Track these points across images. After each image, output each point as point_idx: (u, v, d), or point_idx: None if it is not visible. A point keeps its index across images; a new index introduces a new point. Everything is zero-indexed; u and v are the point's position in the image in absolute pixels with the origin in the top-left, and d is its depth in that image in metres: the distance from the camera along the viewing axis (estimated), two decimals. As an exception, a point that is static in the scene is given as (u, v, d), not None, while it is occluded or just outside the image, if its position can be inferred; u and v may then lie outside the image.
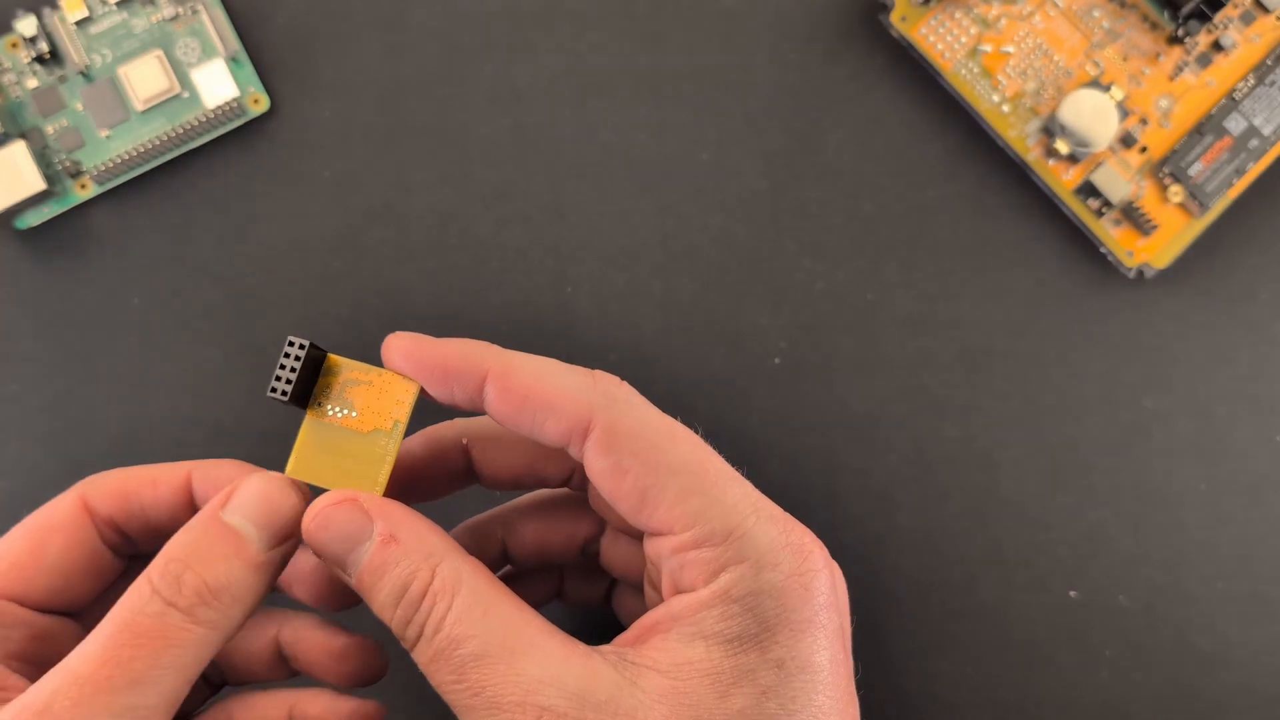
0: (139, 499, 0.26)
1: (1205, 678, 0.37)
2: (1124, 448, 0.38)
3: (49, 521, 0.25)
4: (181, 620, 0.22)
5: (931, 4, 0.38)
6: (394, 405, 0.26)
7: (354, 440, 0.26)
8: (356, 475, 0.25)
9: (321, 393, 0.26)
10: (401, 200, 0.39)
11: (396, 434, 0.26)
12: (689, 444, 0.24)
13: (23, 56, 0.38)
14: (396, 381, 0.26)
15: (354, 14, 0.39)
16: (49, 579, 0.25)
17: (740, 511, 0.23)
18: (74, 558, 0.25)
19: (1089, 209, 0.38)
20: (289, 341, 0.25)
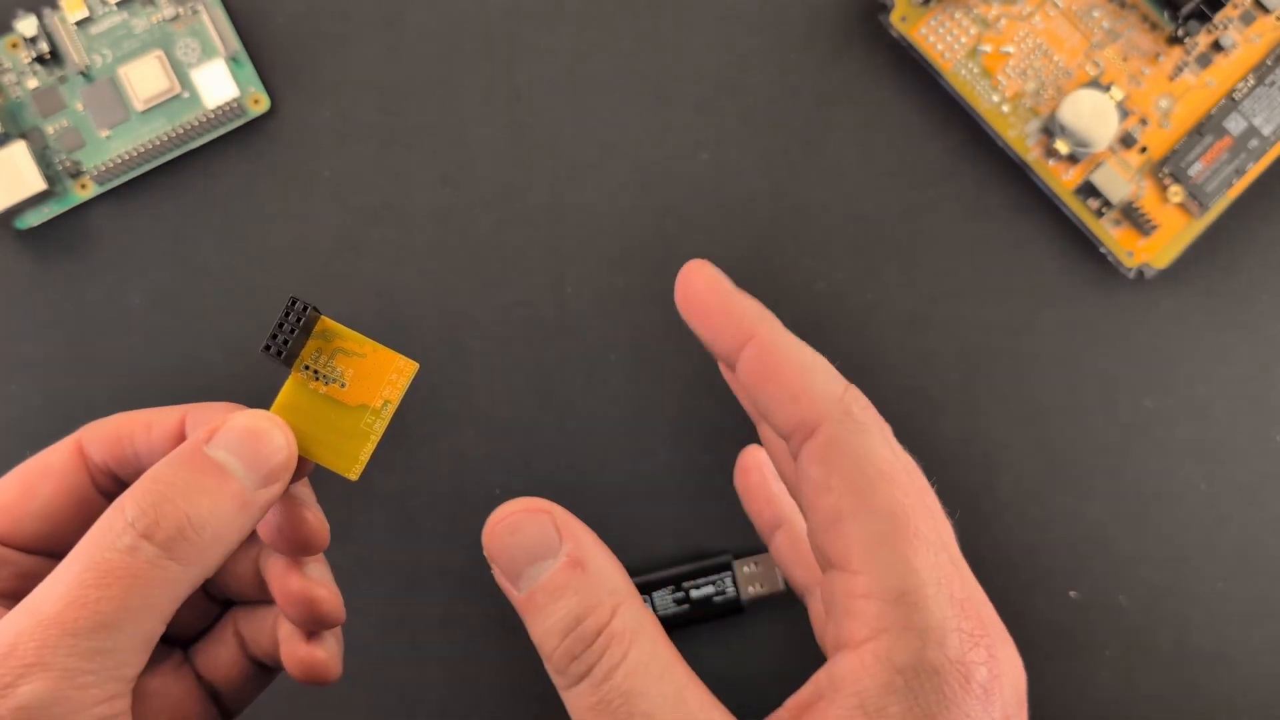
0: (132, 443, 0.25)
1: (1205, 678, 0.37)
2: (1124, 448, 0.38)
3: (42, 466, 0.25)
4: (156, 556, 0.20)
5: (931, 4, 0.38)
6: (387, 384, 0.25)
7: (338, 412, 0.24)
8: (336, 449, 0.24)
9: (310, 357, 0.24)
10: (401, 200, 0.39)
11: (386, 414, 0.25)
12: (904, 493, 0.22)
13: (23, 56, 0.38)
14: (393, 359, 0.24)
15: (354, 14, 0.39)
16: (37, 523, 0.24)
17: (922, 578, 0.20)
18: (64, 503, 0.25)
19: (1089, 209, 0.38)
20: (291, 300, 0.23)
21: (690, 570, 0.36)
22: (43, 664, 0.19)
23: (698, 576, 0.35)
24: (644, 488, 0.37)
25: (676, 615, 0.35)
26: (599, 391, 0.38)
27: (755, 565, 0.36)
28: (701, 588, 0.35)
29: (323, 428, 0.24)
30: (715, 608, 0.35)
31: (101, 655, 0.19)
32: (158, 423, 0.25)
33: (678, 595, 0.35)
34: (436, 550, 0.37)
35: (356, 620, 0.37)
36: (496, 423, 0.38)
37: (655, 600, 0.35)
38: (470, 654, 0.37)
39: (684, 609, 0.35)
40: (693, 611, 0.35)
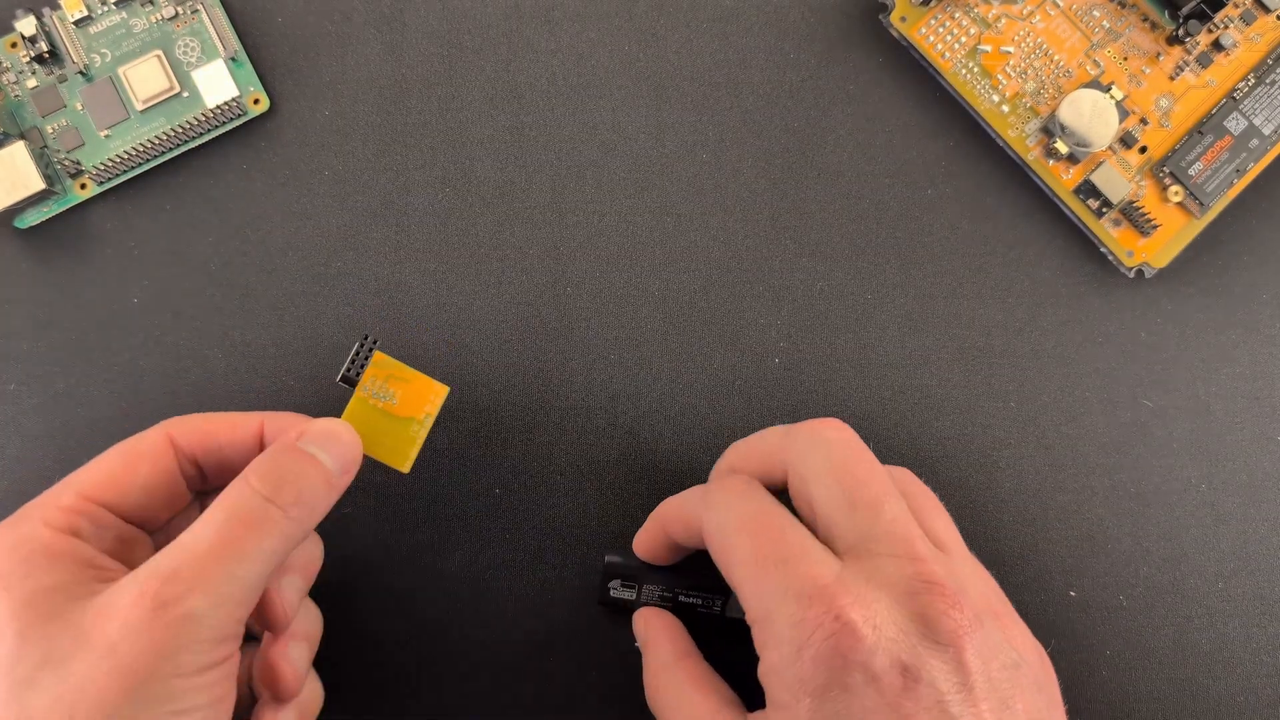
0: (217, 438, 0.30)
1: (1205, 677, 0.37)
2: (1124, 447, 0.38)
3: (139, 449, 0.29)
4: (279, 514, 0.27)
5: (931, 4, 0.38)
6: (427, 401, 0.32)
7: (390, 422, 0.32)
8: (390, 449, 0.32)
9: (369, 381, 0.32)
10: (401, 200, 0.39)
11: (426, 424, 0.32)
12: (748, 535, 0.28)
13: (22, 56, 0.38)
14: (430, 385, 0.32)
15: (354, 14, 0.39)
16: (137, 496, 0.29)
17: (773, 595, 0.27)
18: (158, 482, 0.29)
19: (1089, 209, 0.38)
20: (364, 337, 0.32)
21: (693, 583, 0.35)
22: (201, 585, 0.25)
23: (691, 589, 0.35)
24: (644, 488, 0.37)
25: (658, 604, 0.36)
26: (599, 391, 0.38)
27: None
28: (690, 596, 0.35)
29: (379, 434, 0.32)
30: (698, 616, 0.35)
31: (239, 582, 0.26)
32: (240, 424, 0.30)
33: (665, 595, 0.35)
34: (436, 550, 0.37)
35: (356, 620, 0.37)
36: (496, 423, 0.38)
37: (644, 590, 0.35)
38: (470, 654, 0.37)
39: (666, 606, 0.35)
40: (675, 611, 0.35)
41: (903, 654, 0.25)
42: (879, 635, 0.25)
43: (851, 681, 0.25)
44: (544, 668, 0.37)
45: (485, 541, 0.37)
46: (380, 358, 0.32)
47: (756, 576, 0.27)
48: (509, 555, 0.37)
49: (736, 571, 0.28)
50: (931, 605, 0.26)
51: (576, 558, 0.37)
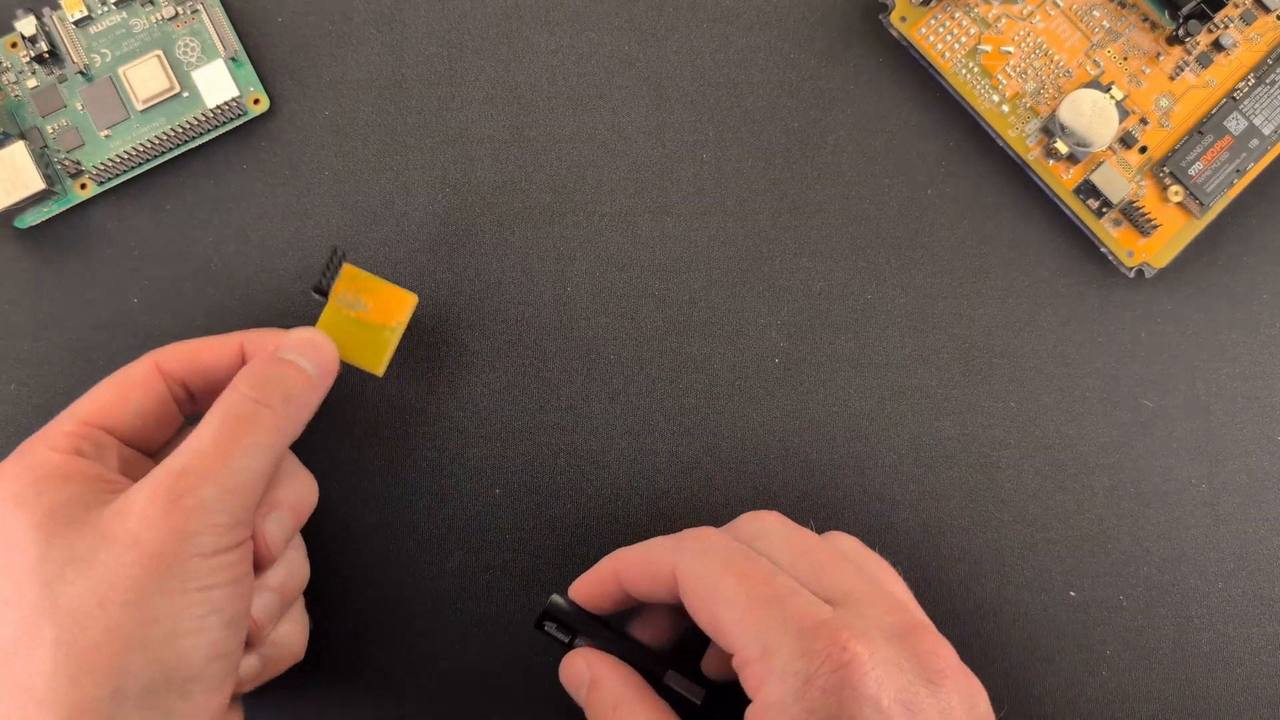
0: (201, 359, 0.32)
1: (1205, 677, 0.37)
2: (1124, 447, 0.38)
3: (129, 377, 0.31)
4: (270, 414, 0.29)
5: (931, 4, 0.38)
6: (396, 310, 0.34)
7: (363, 329, 0.34)
8: (364, 355, 0.34)
9: (340, 291, 0.34)
10: (401, 200, 0.39)
11: (398, 330, 0.34)
12: (741, 575, 0.28)
13: (22, 56, 0.38)
14: (400, 293, 0.35)
15: (354, 14, 0.39)
16: (132, 420, 0.31)
17: (771, 630, 0.27)
18: (150, 407, 0.31)
19: (1089, 209, 0.38)
20: (334, 249, 0.34)
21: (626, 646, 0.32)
22: (209, 476, 0.28)
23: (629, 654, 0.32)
24: (644, 487, 0.37)
25: None
26: (599, 391, 0.38)
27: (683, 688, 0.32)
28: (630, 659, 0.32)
29: (353, 340, 0.34)
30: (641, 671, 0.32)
31: (243, 473, 0.28)
32: (221, 345, 0.32)
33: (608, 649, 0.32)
34: (437, 550, 0.37)
35: (357, 620, 0.37)
36: (496, 423, 0.38)
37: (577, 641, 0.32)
38: (470, 654, 0.37)
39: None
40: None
41: (904, 690, 0.26)
42: (883, 670, 0.26)
43: (861, 715, 0.25)
44: (544, 667, 0.37)
45: (485, 542, 0.37)
46: (350, 269, 0.34)
47: (752, 614, 0.27)
48: (509, 555, 0.37)
49: (725, 613, 0.27)
50: (920, 645, 0.27)
51: (577, 558, 0.37)
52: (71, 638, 0.26)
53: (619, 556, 0.31)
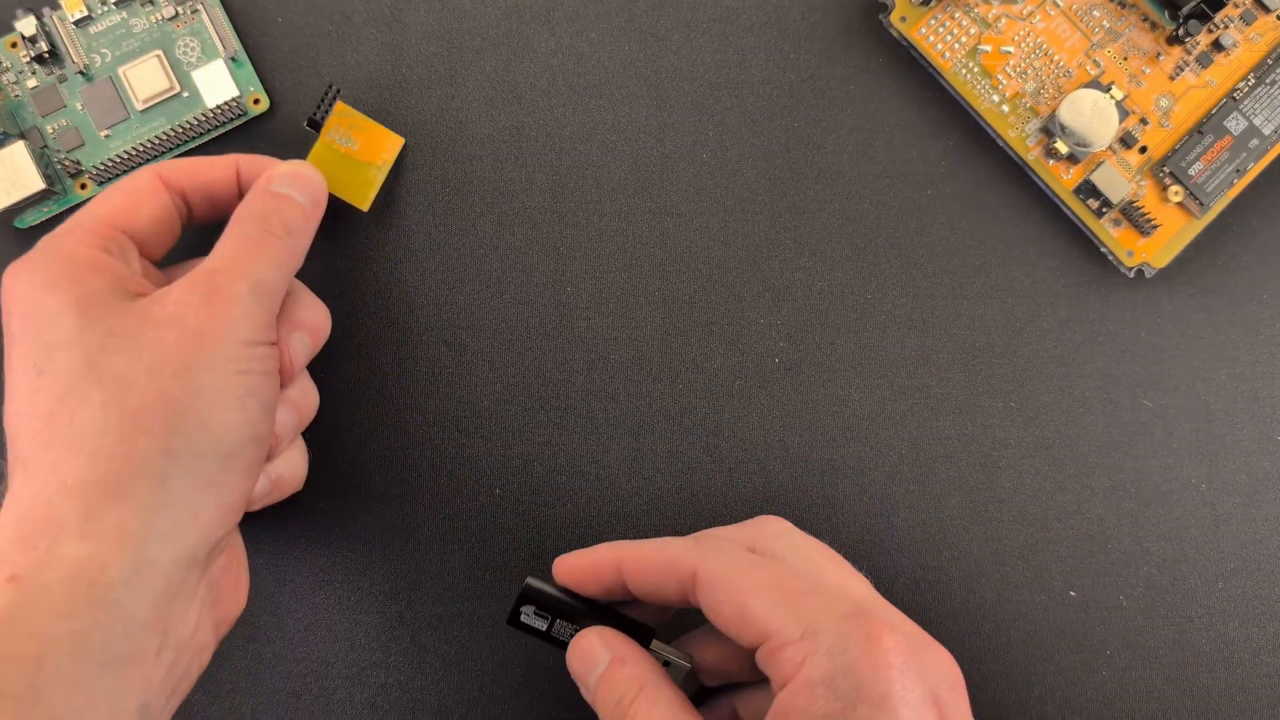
0: (200, 174, 0.33)
1: (1205, 677, 0.37)
2: (1124, 447, 0.38)
3: (136, 185, 0.32)
4: (273, 239, 0.31)
5: (931, 4, 0.38)
6: (384, 150, 0.37)
7: (351, 165, 0.37)
8: (351, 190, 0.37)
9: (332, 127, 0.36)
10: (402, 199, 0.39)
11: (384, 168, 0.37)
12: (769, 569, 0.29)
13: (22, 56, 0.38)
14: (388, 134, 0.37)
15: (354, 14, 0.39)
16: (144, 225, 0.32)
17: (814, 614, 0.27)
18: (158, 214, 0.32)
19: (1089, 209, 0.38)
20: (329, 85, 0.36)
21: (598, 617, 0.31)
22: (240, 277, 0.30)
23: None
24: (644, 488, 0.37)
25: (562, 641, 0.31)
26: (599, 391, 0.38)
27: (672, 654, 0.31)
28: None
29: (342, 174, 0.36)
30: None
31: (266, 281, 0.30)
32: (219, 164, 0.34)
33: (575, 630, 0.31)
34: (436, 550, 0.37)
35: (357, 620, 0.37)
36: (496, 423, 0.38)
37: (555, 625, 0.31)
38: (470, 654, 0.37)
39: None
40: None
41: (934, 686, 0.27)
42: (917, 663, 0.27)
43: (905, 699, 0.26)
44: (544, 666, 0.37)
45: (485, 541, 0.37)
46: (342, 107, 0.36)
47: (791, 600, 0.27)
48: (509, 555, 0.37)
49: (758, 601, 0.27)
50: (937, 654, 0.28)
51: (576, 558, 0.37)
52: (120, 400, 0.27)
53: (624, 548, 0.31)
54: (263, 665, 0.37)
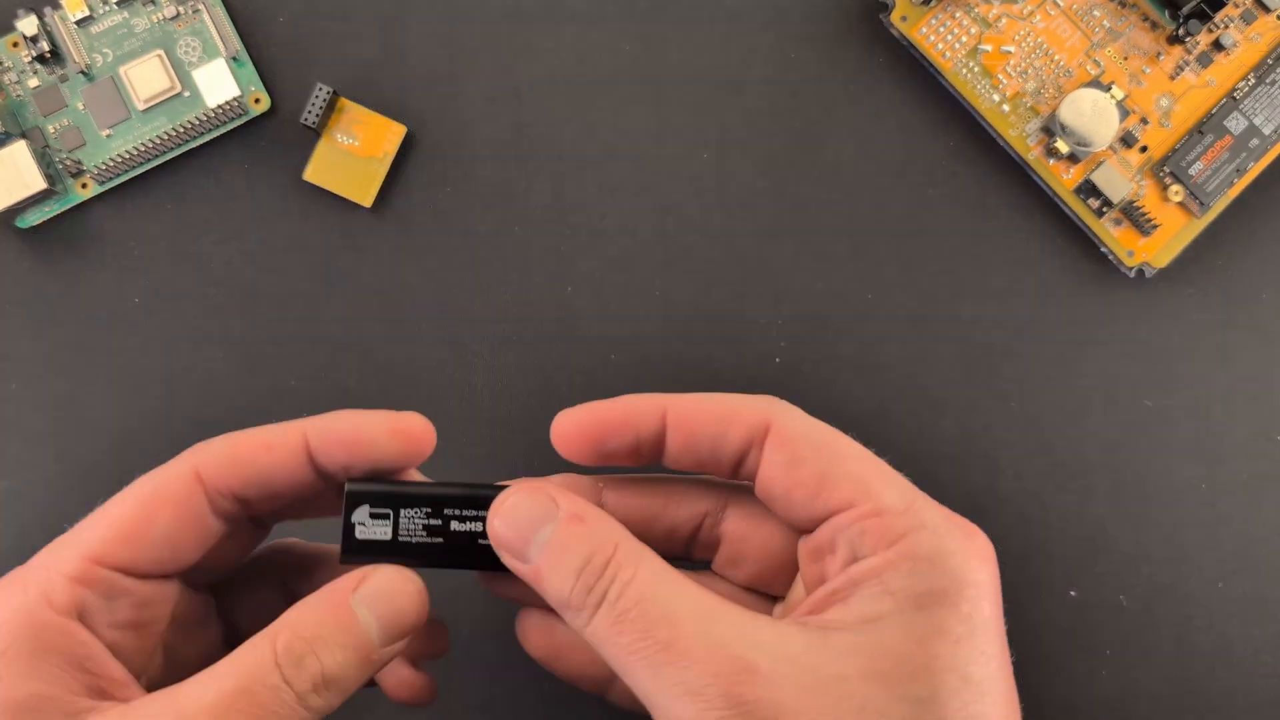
0: (254, 465, 0.25)
1: (1205, 677, 0.37)
2: (1124, 447, 0.38)
3: (160, 492, 0.24)
4: (293, 701, 0.22)
5: (931, 4, 0.38)
6: (385, 141, 0.37)
7: (355, 161, 0.37)
8: (354, 187, 0.37)
9: (333, 124, 0.37)
10: (402, 199, 0.39)
11: (386, 160, 0.38)
12: (857, 444, 0.26)
13: (24, 55, 0.38)
14: (388, 124, 0.38)
15: (354, 14, 0.39)
16: (157, 550, 0.24)
17: (914, 490, 0.24)
18: (183, 529, 0.24)
19: (1089, 208, 0.38)
20: (319, 86, 0.36)
21: (460, 494, 0.25)
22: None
23: (466, 506, 0.25)
24: (644, 487, 0.37)
25: (424, 548, 0.25)
26: (599, 391, 0.38)
27: None
28: (466, 522, 0.25)
29: (345, 172, 0.37)
30: (476, 555, 0.25)
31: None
32: (278, 444, 0.25)
33: (432, 524, 0.25)
34: (436, 549, 0.37)
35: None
36: (496, 423, 0.38)
37: (402, 521, 0.25)
38: (470, 654, 0.37)
39: (436, 542, 0.25)
40: (447, 549, 0.25)
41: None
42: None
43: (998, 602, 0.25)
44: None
45: (485, 541, 0.37)
46: (343, 103, 0.37)
47: (888, 473, 0.25)
48: (509, 555, 0.37)
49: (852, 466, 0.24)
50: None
51: (576, 557, 0.37)
52: None
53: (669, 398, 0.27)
54: (263, 664, 0.37)
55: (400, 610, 0.24)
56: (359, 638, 0.23)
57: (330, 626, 0.23)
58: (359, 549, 0.25)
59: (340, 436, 0.25)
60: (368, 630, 0.23)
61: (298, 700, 0.22)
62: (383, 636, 0.23)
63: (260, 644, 0.23)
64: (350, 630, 0.23)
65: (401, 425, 0.25)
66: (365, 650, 0.23)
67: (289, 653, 0.22)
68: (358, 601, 0.23)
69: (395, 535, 0.25)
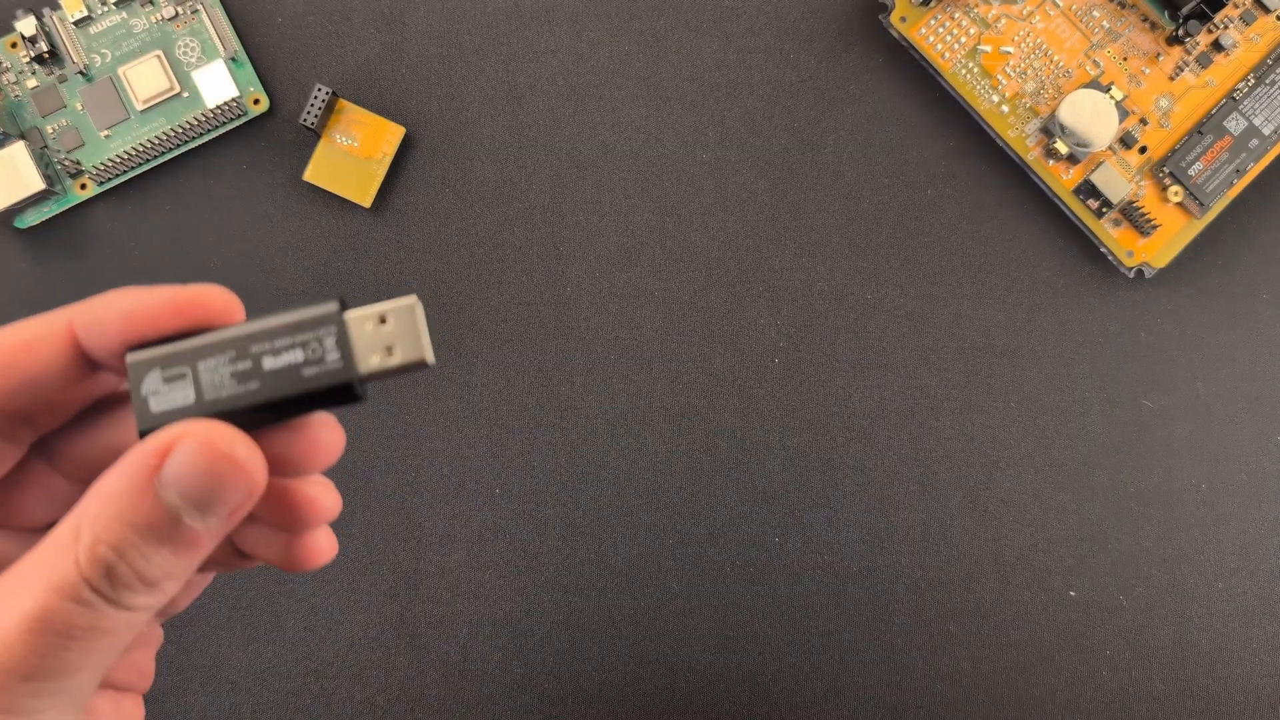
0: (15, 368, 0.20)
1: (1205, 677, 0.37)
2: (1124, 447, 0.38)
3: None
4: (112, 610, 0.18)
5: (931, 4, 0.38)
6: (384, 141, 0.38)
7: (353, 161, 0.38)
8: (354, 186, 0.38)
9: (333, 125, 0.37)
10: (401, 200, 0.39)
11: (385, 161, 0.38)
12: None
13: (22, 56, 0.38)
14: (388, 125, 0.38)
15: (354, 14, 0.39)
16: None
17: None
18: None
19: (1089, 209, 0.38)
20: (318, 87, 0.36)
21: (269, 328, 0.20)
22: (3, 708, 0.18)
23: (280, 336, 0.20)
24: (644, 487, 0.37)
25: (241, 404, 0.19)
26: (599, 391, 0.38)
27: (385, 322, 0.20)
28: (281, 354, 0.20)
29: (344, 172, 0.37)
30: (307, 392, 0.20)
31: (60, 694, 0.19)
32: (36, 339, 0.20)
33: (241, 367, 0.20)
34: (436, 550, 0.37)
35: (357, 620, 0.37)
36: (496, 423, 0.38)
37: (203, 375, 0.19)
38: (470, 654, 0.37)
39: (252, 388, 0.20)
40: (268, 395, 0.20)
41: None
42: None
43: None
44: (544, 666, 0.37)
45: (485, 540, 0.37)
46: (342, 104, 0.37)
47: None
48: (509, 554, 0.37)
49: None
50: None
51: (577, 558, 0.37)
52: None
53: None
54: (263, 665, 0.37)
55: (221, 485, 0.19)
56: (174, 529, 0.19)
57: (137, 523, 0.18)
58: (160, 424, 0.19)
59: (113, 322, 0.19)
60: (183, 518, 0.19)
61: (116, 607, 0.19)
62: (206, 522, 0.19)
63: (57, 557, 0.18)
64: (161, 524, 0.18)
65: (191, 297, 0.20)
66: (187, 541, 0.19)
67: (94, 563, 0.18)
68: (164, 486, 0.18)
69: (200, 395, 0.19)
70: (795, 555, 0.37)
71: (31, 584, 0.18)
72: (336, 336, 0.20)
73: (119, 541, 0.18)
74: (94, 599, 0.18)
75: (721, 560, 0.37)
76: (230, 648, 0.37)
